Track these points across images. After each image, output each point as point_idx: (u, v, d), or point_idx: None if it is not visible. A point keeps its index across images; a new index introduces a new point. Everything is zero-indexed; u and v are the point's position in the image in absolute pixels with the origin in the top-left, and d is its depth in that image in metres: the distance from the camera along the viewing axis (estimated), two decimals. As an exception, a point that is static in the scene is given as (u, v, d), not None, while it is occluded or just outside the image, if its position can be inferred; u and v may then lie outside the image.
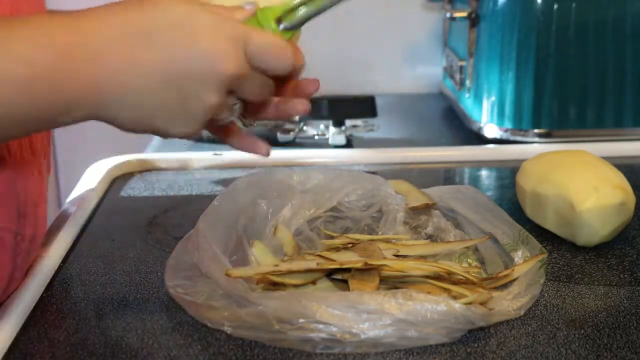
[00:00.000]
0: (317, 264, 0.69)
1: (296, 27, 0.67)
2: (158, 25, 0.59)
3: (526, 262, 0.73)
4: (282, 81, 0.68)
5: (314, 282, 0.69)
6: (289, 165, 1.05)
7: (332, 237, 0.79)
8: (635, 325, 0.66)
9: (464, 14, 1.21)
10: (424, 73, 1.51)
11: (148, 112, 0.60)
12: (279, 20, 0.66)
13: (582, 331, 0.65)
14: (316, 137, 1.22)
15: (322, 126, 1.25)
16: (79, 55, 0.57)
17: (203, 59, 0.59)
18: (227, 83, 0.61)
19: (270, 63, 0.63)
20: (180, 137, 0.63)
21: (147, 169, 1.08)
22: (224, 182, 1.03)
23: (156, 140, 1.22)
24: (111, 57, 0.58)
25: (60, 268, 0.77)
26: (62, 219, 0.88)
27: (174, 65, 0.59)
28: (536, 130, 1.14)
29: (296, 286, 0.68)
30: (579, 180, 0.80)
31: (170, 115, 0.61)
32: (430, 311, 0.62)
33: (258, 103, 0.68)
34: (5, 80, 0.55)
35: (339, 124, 1.19)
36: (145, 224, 0.88)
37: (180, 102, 0.60)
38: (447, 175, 1.10)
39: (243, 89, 0.63)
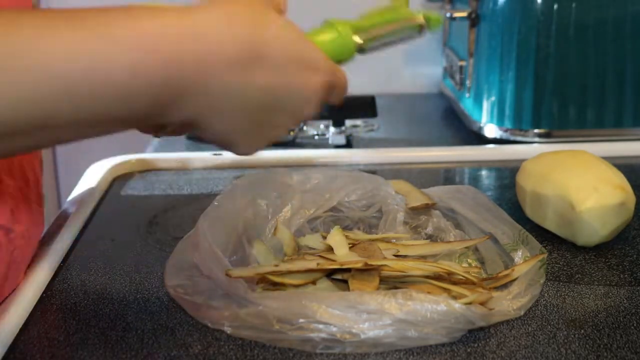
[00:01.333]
0: (317, 264, 0.69)
1: (368, 50, 0.67)
2: (276, 44, 0.59)
3: (526, 262, 0.73)
4: None
5: (314, 282, 0.69)
6: (289, 165, 1.04)
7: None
8: (635, 325, 0.66)
9: (464, 14, 1.21)
10: (424, 73, 1.50)
11: (232, 127, 0.60)
12: (355, 35, 0.67)
13: (582, 331, 0.65)
14: (316, 137, 1.22)
15: (322, 126, 1.25)
16: (188, 61, 0.55)
17: (302, 100, 0.61)
18: (304, 119, 0.64)
19: (335, 101, 0.66)
20: (240, 154, 0.64)
21: (147, 169, 1.08)
22: (224, 182, 1.03)
23: (156, 140, 1.22)
24: (222, 70, 0.57)
25: (60, 268, 0.77)
26: (62, 219, 0.88)
27: (279, 94, 0.59)
28: (536, 130, 1.14)
29: (296, 286, 0.68)
30: (579, 180, 0.80)
31: (248, 136, 0.61)
32: (430, 311, 0.62)
33: None
34: (106, 89, 0.53)
35: (339, 124, 1.19)
36: (145, 224, 0.88)
37: (264, 127, 0.61)
38: (447, 175, 1.10)
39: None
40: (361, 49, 0.67)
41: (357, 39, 0.67)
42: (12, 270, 0.71)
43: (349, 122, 1.22)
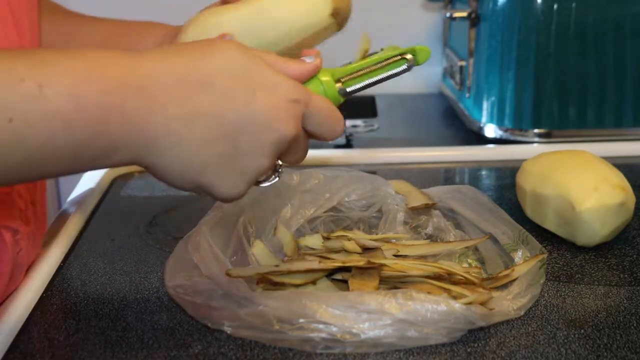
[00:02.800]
0: (319, 262, 0.69)
1: (354, 92, 0.65)
2: (218, 73, 0.55)
3: (526, 262, 0.73)
4: None
5: (314, 282, 0.69)
6: (289, 166, 1.04)
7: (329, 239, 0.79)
8: (635, 325, 0.66)
9: (464, 14, 1.21)
10: (424, 73, 1.50)
11: (198, 165, 0.56)
12: (338, 82, 0.64)
13: (582, 331, 0.65)
14: (316, 137, 1.22)
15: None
16: (130, 93, 0.53)
17: (263, 117, 0.56)
18: (282, 145, 0.58)
19: (324, 131, 0.60)
20: (224, 199, 0.59)
21: (147, 169, 1.08)
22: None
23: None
24: (165, 101, 0.54)
25: (60, 268, 0.77)
26: (62, 219, 0.88)
27: (232, 117, 0.55)
28: (536, 130, 1.14)
29: (296, 286, 0.68)
30: (579, 180, 0.80)
31: (220, 172, 0.56)
32: (430, 311, 0.62)
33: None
34: (47, 111, 0.51)
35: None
36: (145, 224, 0.88)
37: (232, 158, 0.56)
38: (447, 175, 1.10)
39: (291, 153, 0.60)
40: (347, 94, 0.65)
41: (341, 87, 0.64)
42: (16, 271, 0.72)
43: (349, 122, 1.22)
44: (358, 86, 0.66)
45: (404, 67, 0.68)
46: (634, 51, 1.12)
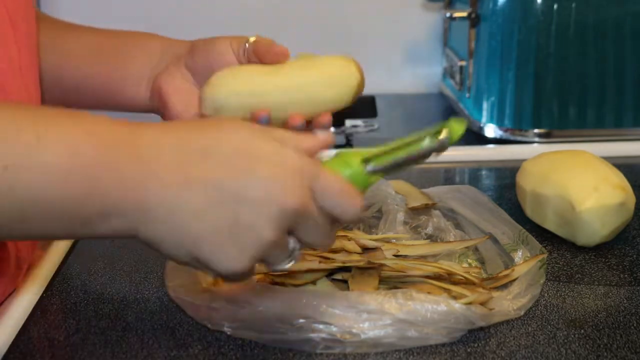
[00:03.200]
0: (319, 262, 0.69)
1: (385, 172, 0.60)
2: (219, 146, 0.53)
3: (526, 262, 0.73)
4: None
5: (314, 282, 0.69)
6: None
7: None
8: (635, 325, 0.66)
9: (464, 14, 1.20)
10: (424, 73, 1.50)
11: (194, 235, 0.53)
12: (365, 162, 0.60)
13: (582, 331, 0.65)
14: (316, 137, 1.22)
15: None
16: (126, 158, 0.52)
17: (263, 185, 0.53)
18: (286, 218, 0.53)
19: (336, 206, 0.55)
20: (228, 277, 0.55)
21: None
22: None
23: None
24: (162, 166, 0.52)
25: (60, 268, 0.77)
26: (62, 219, 0.88)
27: (229, 185, 0.53)
28: (536, 130, 1.14)
29: (296, 286, 0.68)
30: (579, 180, 0.80)
31: (217, 244, 0.53)
32: (430, 311, 0.62)
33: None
34: (42, 162, 0.50)
35: (339, 124, 1.19)
36: (145, 224, 0.88)
37: (231, 229, 0.53)
38: (447, 175, 1.10)
39: (304, 231, 0.55)
40: (374, 173, 0.60)
41: (370, 171, 0.59)
42: (17, 272, 0.72)
43: (349, 122, 1.22)
44: (385, 164, 0.60)
45: (439, 148, 0.61)
46: (634, 51, 1.12)
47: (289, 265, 0.57)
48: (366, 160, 0.59)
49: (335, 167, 0.58)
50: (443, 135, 0.60)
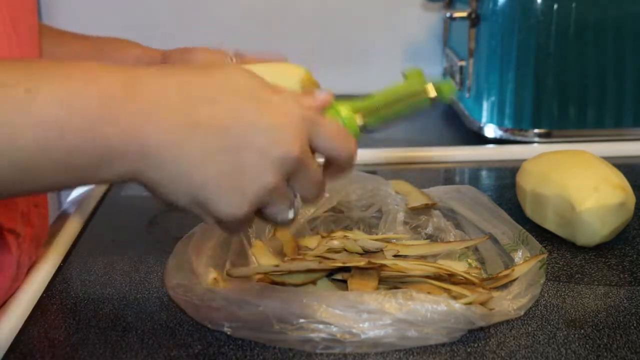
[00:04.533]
0: (320, 262, 0.69)
1: (374, 128, 0.62)
2: (223, 88, 0.54)
3: (526, 262, 0.73)
4: None
5: (314, 282, 0.69)
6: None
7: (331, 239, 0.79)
8: (635, 325, 0.66)
9: (464, 14, 1.20)
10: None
11: (198, 180, 0.53)
12: (357, 114, 0.62)
13: (582, 331, 0.65)
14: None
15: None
16: (127, 100, 0.52)
17: (268, 132, 0.53)
18: (287, 164, 0.54)
19: (335, 149, 0.57)
20: (227, 221, 0.55)
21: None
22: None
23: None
24: (164, 111, 0.52)
25: (60, 268, 0.78)
26: (62, 219, 0.88)
27: (235, 131, 0.53)
28: (536, 130, 1.14)
29: (296, 286, 0.68)
30: (579, 180, 0.80)
31: (221, 187, 0.53)
32: (430, 311, 0.62)
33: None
34: (38, 119, 0.50)
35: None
36: (145, 224, 0.88)
37: (234, 173, 0.53)
38: (447, 175, 1.10)
39: (299, 179, 0.57)
40: (367, 130, 0.62)
41: (360, 122, 0.62)
42: (19, 273, 0.72)
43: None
44: (380, 123, 0.63)
45: (428, 104, 0.64)
46: (634, 51, 1.12)
47: (291, 217, 0.58)
48: (358, 112, 0.62)
49: (329, 117, 0.60)
50: (432, 94, 0.64)
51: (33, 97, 0.50)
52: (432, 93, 0.65)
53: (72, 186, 0.62)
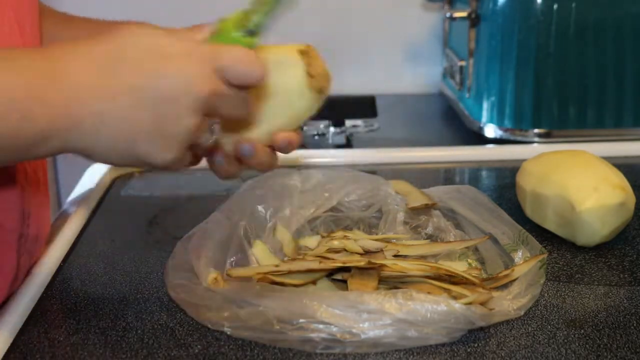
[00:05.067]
0: (320, 262, 0.69)
1: (255, 31, 0.65)
2: (126, 52, 0.58)
3: (526, 262, 0.73)
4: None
5: (314, 282, 0.69)
6: (289, 166, 1.04)
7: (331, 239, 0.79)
8: (635, 325, 0.66)
9: (464, 14, 1.20)
10: (424, 73, 1.50)
11: (126, 137, 0.58)
12: (239, 28, 0.64)
13: (582, 331, 0.65)
14: (316, 137, 1.22)
15: (322, 126, 1.25)
16: (49, 81, 0.56)
17: (175, 81, 0.58)
18: (202, 103, 0.59)
19: (241, 74, 0.61)
20: (165, 167, 0.61)
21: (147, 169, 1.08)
22: (224, 183, 1.02)
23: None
24: (82, 84, 0.57)
25: (60, 268, 0.77)
26: (62, 219, 0.88)
27: (146, 87, 0.58)
28: (536, 130, 1.14)
29: (296, 286, 0.68)
30: (579, 180, 0.80)
31: (149, 138, 0.59)
32: (430, 311, 0.62)
33: (238, 119, 0.66)
34: None
35: (339, 124, 1.19)
36: (145, 224, 0.88)
37: (157, 124, 0.58)
38: (447, 175, 1.10)
39: (220, 108, 0.61)
40: (254, 33, 0.65)
41: (248, 34, 0.65)
42: (19, 273, 0.72)
43: (349, 122, 1.22)
44: (260, 20, 0.66)
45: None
46: (634, 51, 1.12)
47: (211, 141, 0.64)
48: (239, 26, 0.64)
49: (217, 41, 0.63)
50: None
51: None
52: None
53: (14, 162, 0.67)
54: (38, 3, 0.77)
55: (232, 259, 0.73)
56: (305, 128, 1.24)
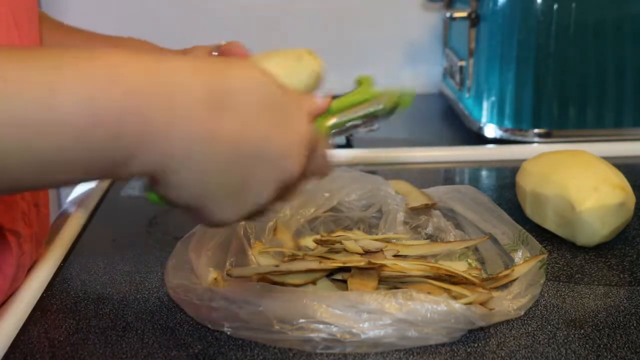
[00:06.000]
0: (320, 262, 0.69)
1: (341, 133, 0.63)
2: (240, 93, 0.53)
3: (526, 263, 0.73)
4: None
5: (314, 282, 0.69)
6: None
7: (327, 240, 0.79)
8: (635, 325, 0.66)
9: (464, 14, 1.21)
10: (424, 73, 1.50)
11: (210, 191, 0.53)
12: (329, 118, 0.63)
13: (582, 331, 0.65)
14: (316, 137, 1.22)
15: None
16: (152, 100, 0.50)
17: (279, 149, 0.54)
18: (287, 183, 0.55)
19: (319, 173, 0.59)
20: (210, 224, 0.56)
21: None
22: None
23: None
24: (188, 115, 0.51)
25: (60, 268, 0.78)
26: (62, 219, 0.88)
27: (250, 147, 0.53)
28: (536, 130, 1.14)
29: (296, 286, 0.68)
30: (579, 180, 0.80)
31: (222, 197, 0.54)
32: (430, 311, 0.62)
33: None
34: (57, 120, 0.47)
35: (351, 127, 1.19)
36: (145, 224, 0.88)
37: (240, 184, 0.54)
38: (447, 175, 1.10)
39: (287, 194, 0.58)
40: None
41: (331, 131, 0.62)
42: (19, 272, 0.72)
43: (349, 123, 1.22)
44: (338, 131, 0.64)
45: (388, 113, 0.67)
46: (634, 51, 1.12)
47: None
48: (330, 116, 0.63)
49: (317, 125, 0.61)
50: (390, 105, 0.67)
51: (57, 98, 0.48)
52: (393, 102, 0.67)
53: (87, 181, 0.62)
54: (37, 5, 0.77)
55: (232, 259, 0.73)
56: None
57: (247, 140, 0.53)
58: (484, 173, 1.08)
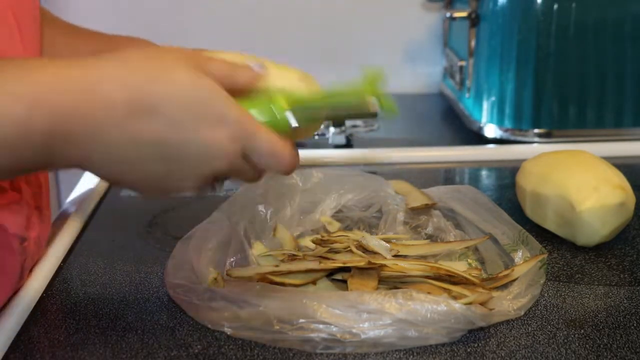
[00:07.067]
0: (320, 262, 0.69)
1: (303, 123, 0.61)
2: (165, 99, 0.56)
3: (526, 263, 0.73)
4: None
5: (314, 282, 0.69)
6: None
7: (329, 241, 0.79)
8: (635, 325, 0.66)
9: (464, 14, 1.20)
10: (424, 73, 1.50)
11: (128, 180, 0.59)
12: (290, 110, 0.61)
13: (582, 331, 0.65)
14: (316, 137, 1.22)
15: (322, 126, 1.25)
16: (78, 121, 0.55)
17: (200, 151, 0.57)
18: (211, 176, 0.59)
19: (269, 166, 0.60)
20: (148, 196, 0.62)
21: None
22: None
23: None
24: (110, 126, 0.55)
25: (60, 268, 0.77)
26: (62, 219, 0.88)
27: (172, 147, 0.57)
28: (536, 130, 1.14)
29: (296, 286, 0.68)
30: (579, 180, 0.80)
31: (146, 186, 0.60)
32: (430, 311, 0.62)
33: None
34: (4, 117, 0.53)
35: (339, 124, 1.19)
36: (145, 224, 0.88)
37: (161, 179, 0.58)
38: (447, 175, 1.10)
39: (234, 177, 0.61)
40: (296, 127, 0.61)
41: (292, 121, 0.61)
42: (24, 274, 0.72)
43: (349, 122, 1.22)
44: (312, 124, 0.64)
45: (369, 116, 0.65)
46: (634, 51, 1.12)
47: (219, 192, 0.64)
48: (294, 111, 0.61)
49: (260, 107, 0.60)
50: (373, 108, 0.64)
51: (5, 93, 0.53)
52: (374, 109, 0.64)
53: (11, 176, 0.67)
54: (40, 9, 0.77)
55: (232, 259, 0.73)
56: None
57: (169, 142, 0.56)
58: (484, 173, 1.08)
